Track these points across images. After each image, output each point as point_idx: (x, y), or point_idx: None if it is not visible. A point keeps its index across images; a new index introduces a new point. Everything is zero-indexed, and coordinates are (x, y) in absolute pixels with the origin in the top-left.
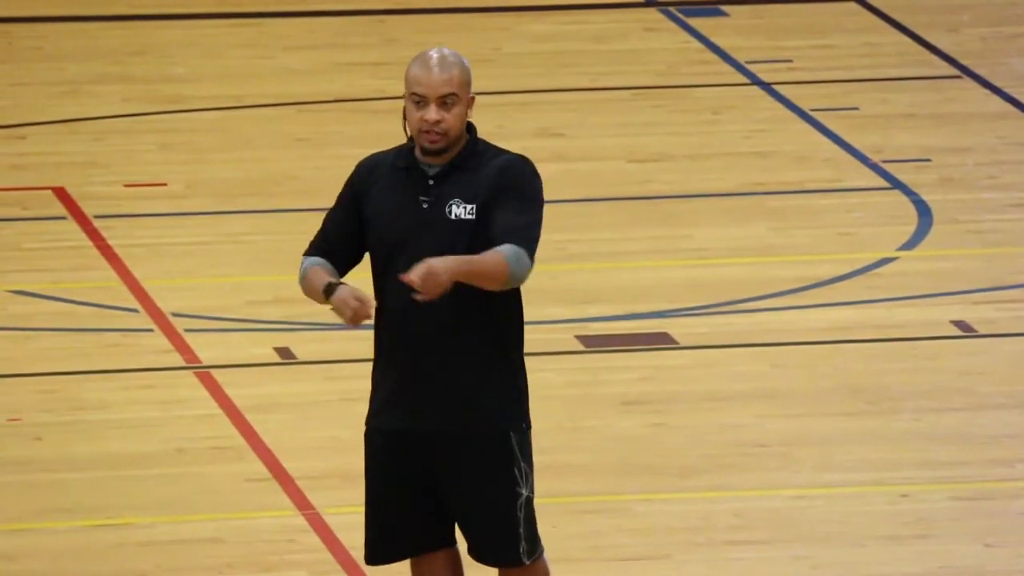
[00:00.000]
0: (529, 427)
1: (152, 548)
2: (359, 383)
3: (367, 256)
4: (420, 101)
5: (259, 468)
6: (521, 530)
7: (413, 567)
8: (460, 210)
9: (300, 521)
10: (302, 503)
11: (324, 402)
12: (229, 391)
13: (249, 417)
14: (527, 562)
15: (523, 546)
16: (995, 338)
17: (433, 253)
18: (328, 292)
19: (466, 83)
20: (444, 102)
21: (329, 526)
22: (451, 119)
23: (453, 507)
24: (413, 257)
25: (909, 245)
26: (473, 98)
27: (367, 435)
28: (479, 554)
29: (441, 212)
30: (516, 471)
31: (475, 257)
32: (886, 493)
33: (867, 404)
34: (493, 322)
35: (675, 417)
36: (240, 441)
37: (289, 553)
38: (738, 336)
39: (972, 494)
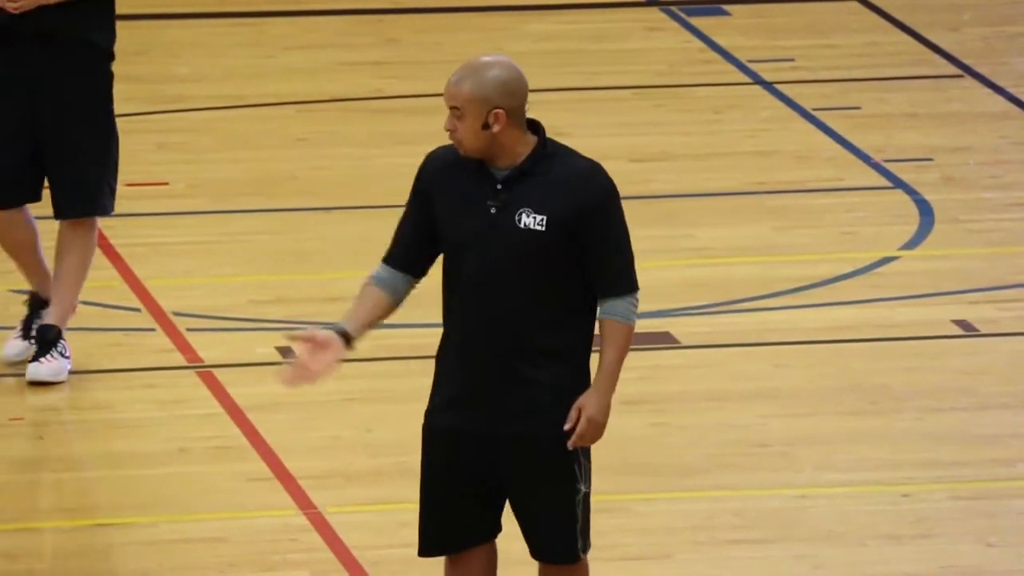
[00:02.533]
0: None
1: (154, 547)
2: (361, 383)
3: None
4: None
5: (261, 467)
6: (579, 526)
7: (451, 559)
8: (530, 220)
9: (302, 520)
10: (304, 502)
11: (326, 402)
12: (231, 390)
13: (251, 416)
14: (584, 556)
15: (580, 542)
16: (997, 338)
17: (502, 261)
18: (343, 336)
19: (478, 98)
20: (453, 113)
21: (331, 525)
22: (461, 131)
23: (512, 504)
24: (481, 262)
25: (911, 244)
26: (500, 112)
27: (427, 432)
28: (537, 551)
29: (510, 219)
30: (576, 468)
31: (610, 356)
32: (887, 493)
33: (869, 404)
34: (564, 327)
35: (676, 417)
36: (242, 440)
37: (291, 552)
38: (740, 336)
39: (974, 494)
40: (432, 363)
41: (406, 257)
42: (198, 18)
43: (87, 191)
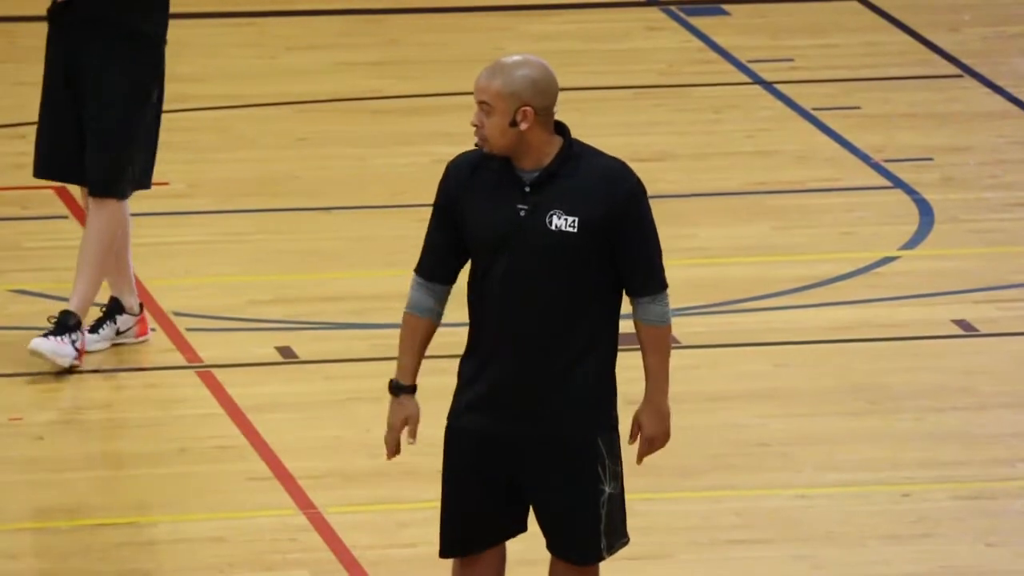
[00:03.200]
0: (617, 426)
1: (154, 547)
2: (361, 382)
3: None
4: None
5: (261, 467)
6: (602, 527)
7: (462, 560)
8: (561, 221)
9: (302, 520)
10: (304, 502)
11: (326, 401)
12: (231, 390)
13: (251, 416)
14: (607, 556)
15: (604, 542)
16: (997, 337)
17: (532, 263)
18: (393, 391)
19: (507, 94)
20: (482, 108)
21: (331, 525)
22: (488, 127)
23: (534, 504)
24: (511, 264)
25: (910, 244)
26: (528, 110)
27: (451, 432)
28: (558, 550)
29: (541, 222)
30: (600, 469)
31: (655, 363)
32: (888, 492)
33: (869, 403)
34: (591, 328)
35: (677, 417)
36: (242, 440)
37: (291, 552)
38: (740, 335)
39: (974, 493)
40: (431, 363)
41: (444, 267)
42: (198, 18)
43: (107, 172)
